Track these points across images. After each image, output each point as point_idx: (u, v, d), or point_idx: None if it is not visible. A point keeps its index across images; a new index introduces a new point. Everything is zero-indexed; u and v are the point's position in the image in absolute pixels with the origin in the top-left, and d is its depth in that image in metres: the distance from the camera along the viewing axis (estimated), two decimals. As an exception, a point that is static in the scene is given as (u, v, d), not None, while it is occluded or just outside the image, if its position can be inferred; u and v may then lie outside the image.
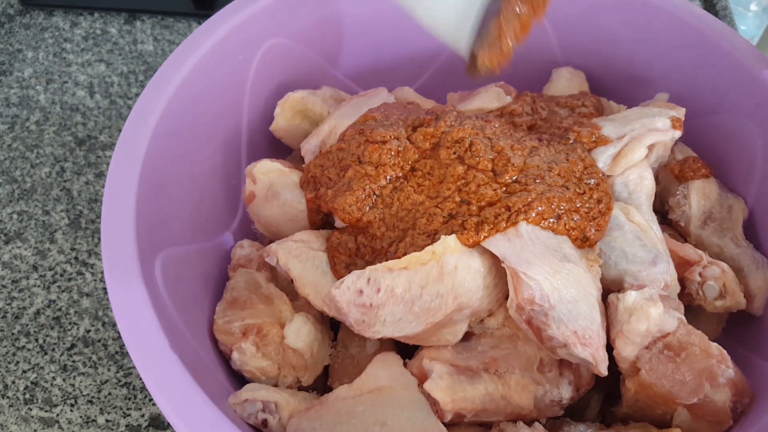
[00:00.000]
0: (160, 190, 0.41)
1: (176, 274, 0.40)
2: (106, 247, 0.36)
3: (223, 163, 0.48)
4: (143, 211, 0.38)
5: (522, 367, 0.39)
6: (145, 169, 0.39)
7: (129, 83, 0.67)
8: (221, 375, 0.41)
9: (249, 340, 0.41)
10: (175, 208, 0.43)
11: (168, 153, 0.42)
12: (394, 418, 0.36)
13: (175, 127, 0.43)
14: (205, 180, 0.47)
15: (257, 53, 0.48)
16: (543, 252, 0.38)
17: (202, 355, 0.40)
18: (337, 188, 0.42)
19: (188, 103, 0.44)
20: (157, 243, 0.40)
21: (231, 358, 0.41)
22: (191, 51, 0.44)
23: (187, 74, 0.43)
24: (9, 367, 0.51)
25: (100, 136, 0.63)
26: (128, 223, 0.37)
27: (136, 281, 0.35)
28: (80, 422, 0.49)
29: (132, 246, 0.36)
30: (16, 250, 0.56)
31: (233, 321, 0.42)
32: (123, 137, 0.40)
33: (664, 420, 0.38)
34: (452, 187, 0.40)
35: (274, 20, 0.48)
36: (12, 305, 0.54)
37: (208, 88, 0.45)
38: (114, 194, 0.38)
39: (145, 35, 0.71)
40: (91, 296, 0.54)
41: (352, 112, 0.47)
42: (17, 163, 0.61)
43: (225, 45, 0.46)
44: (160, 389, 0.33)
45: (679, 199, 0.47)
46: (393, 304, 0.36)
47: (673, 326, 0.38)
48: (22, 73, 0.68)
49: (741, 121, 0.47)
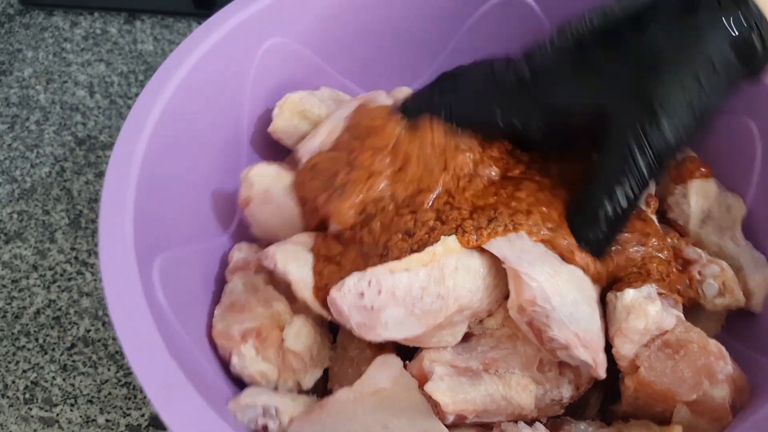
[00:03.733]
0: (159, 192, 0.41)
1: (174, 278, 0.40)
2: (104, 249, 0.36)
3: (222, 165, 0.48)
4: (141, 213, 0.38)
5: (522, 366, 0.39)
6: (143, 170, 0.39)
7: (129, 83, 0.68)
8: (221, 380, 0.40)
9: (248, 344, 0.40)
10: (174, 211, 0.43)
11: (166, 154, 0.42)
12: (396, 420, 0.36)
13: (174, 129, 0.43)
14: (204, 182, 0.46)
15: (257, 53, 0.48)
16: (543, 254, 0.38)
17: (202, 360, 0.39)
18: (330, 192, 0.42)
19: (187, 105, 0.44)
20: (155, 246, 0.39)
21: (230, 363, 0.41)
22: (190, 51, 0.44)
23: (186, 75, 0.43)
24: (9, 367, 0.51)
25: (100, 136, 0.64)
26: (126, 225, 0.37)
27: (134, 285, 0.35)
28: (80, 422, 0.49)
29: (130, 248, 0.36)
30: (16, 250, 0.56)
31: (232, 325, 0.41)
32: (121, 138, 0.40)
33: (664, 417, 0.38)
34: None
35: (274, 20, 0.48)
36: (12, 305, 0.54)
37: (208, 89, 0.45)
38: (112, 196, 0.38)
39: (145, 35, 0.72)
40: (91, 296, 0.54)
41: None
42: (17, 163, 0.62)
43: (225, 45, 0.46)
44: (158, 395, 0.32)
45: (677, 198, 0.47)
46: (394, 306, 0.36)
47: (672, 324, 0.38)
48: (22, 72, 0.68)
49: (741, 120, 0.47)
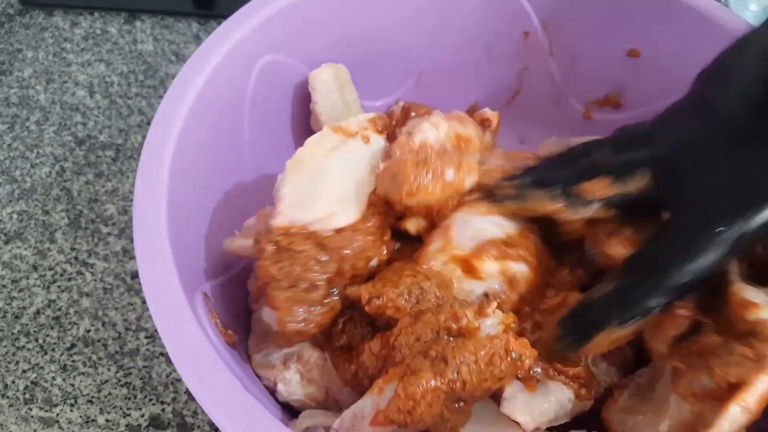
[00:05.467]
0: (187, 225, 0.40)
1: (212, 309, 0.40)
2: (148, 281, 0.34)
3: (233, 191, 0.47)
4: (176, 250, 0.37)
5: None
6: (171, 209, 0.38)
7: (129, 83, 0.67)
8: (274, 407, 0.40)
9: (291, 369, 0.40)
10: (200, 243, 0.42)
11: (186, 187, 0.41)
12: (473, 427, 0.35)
13: (188, 160, 0.42)
14: (221, 211, 0.46)
15: (252, 73, 0.47)
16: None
17: (252, 388, 0.39)
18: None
19: (197, 136, 0.42)
20: (194, 278, 0.39)
21: (276, 391, 0.40)
22: (191, 80, 0.42)
23: (192, 104, 0.42)
24: (9, 367, 0.51)
25: (100, 136, 0.63)
26: (167, 258, 0.35)
27: (187, 318, 0.34)
28: (80, 422, 0.49)
29: (175, 280, 0.35)
30: (16, 250, 0.56)
31: (271, 353, 0.41)
32: (142, 170, 0.38)
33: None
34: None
35: (271, 36, 0.47)
36: (12, 305, 0.54)
37: (214, 115, 0.44)
38: (146, 229, 0.36)
39: (145, 35, 0.71)
40: (91, 296, 0.54)
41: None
42: (17, 163, 0.61)
43: (221, 70, 0.44)
44: (234, 424, 0.30)
45: None
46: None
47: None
48: (22, 72, 0.68)
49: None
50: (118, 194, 0.60)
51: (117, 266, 0.56)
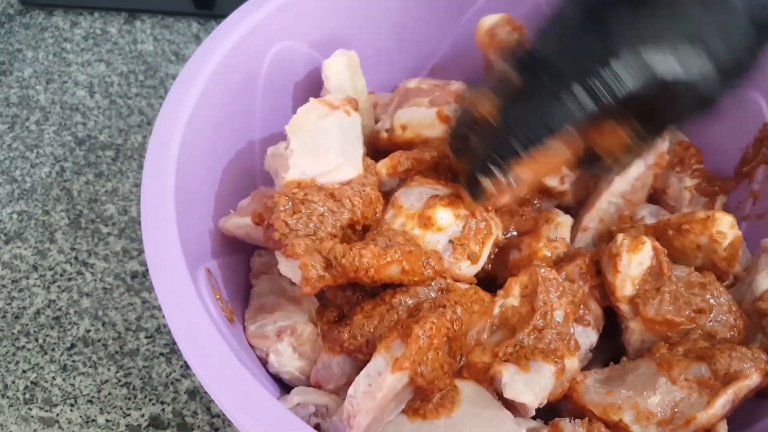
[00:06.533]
0: (192, 207, 0.41)
1: (214, 286, 0.41)
2: (153, 259, 0.35)
3: (242, 174, 0.48)
4: (182, 228, 0.37)
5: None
6: (178, 188, 0.39)
7: (129, 83, 0.67)
8: (267, 380, 0.41)
9: (284, 341, 0.41)
10: (206, 223, 0.43)
11: (192, 173, 0.41)
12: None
13: (198, 145, 0.42)
14: (224, 192, 0.46)
15: (266, 59, 0.48)
16: None
17: (247, 361, 0.39)
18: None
19: (206, 119, 0.43)
20: (197, 257, 0.40)
21: (268, 362, 0.41)
22: (202, 65, 0.43)
23: (203, 88, 0.42)
24: (9, 367, 0.51)
25: (100, 136, 0.63)
26: (172, 238, 0.36)
27: (187, 289, 0.35)
28: (80, 422, 0.48)
29: (178, 253, 0.36)
30: (16, 250, 0.56)
31: (266, 325, 0.42)
32: (150, 158, 0.39)
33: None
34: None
35: (284, 23, 0.48)
36: (12, 305, 0.54)
37: (226, 98, 0.45)
38: (152, 214, 0.37)
39: (145, 35, 0.71)
40: (91, 296, 0.54)
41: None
42: (17, 163, 0.61)
43: (235, 54, 0.45)
44: (226, 393, 0.32)
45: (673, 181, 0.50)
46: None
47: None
48: (22, 72, 0.68)
49: (748, 94, 0.48)
50: (118, 194, 0.60)
51: (117, 266, 0.56)
